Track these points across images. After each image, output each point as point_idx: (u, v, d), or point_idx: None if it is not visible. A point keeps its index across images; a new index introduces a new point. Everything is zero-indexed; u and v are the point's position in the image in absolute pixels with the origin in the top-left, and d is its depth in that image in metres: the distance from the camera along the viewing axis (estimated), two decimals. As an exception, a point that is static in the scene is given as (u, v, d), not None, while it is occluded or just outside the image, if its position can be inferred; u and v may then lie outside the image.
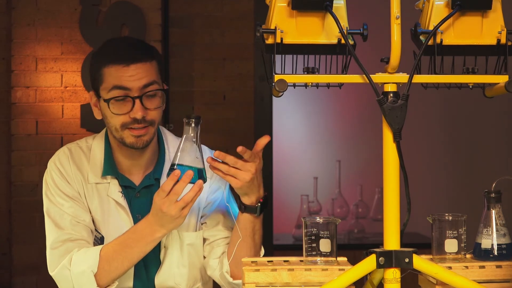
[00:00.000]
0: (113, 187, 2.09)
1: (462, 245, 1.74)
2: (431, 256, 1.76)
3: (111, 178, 2.09)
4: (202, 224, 2.13)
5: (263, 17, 1.66)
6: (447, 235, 1.74)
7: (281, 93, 1.59)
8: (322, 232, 1.71)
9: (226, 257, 2.06)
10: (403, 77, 1.59)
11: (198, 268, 2.14)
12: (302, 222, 1.74)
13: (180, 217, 1.89)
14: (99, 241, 2.07)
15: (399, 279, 1.60)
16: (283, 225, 4.84)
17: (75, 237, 2.02)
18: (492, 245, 1.73)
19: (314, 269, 1.66)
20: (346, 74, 1.61)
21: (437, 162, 5.24)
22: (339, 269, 1.66)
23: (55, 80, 4.20)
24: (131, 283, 2.08)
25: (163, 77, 2.10)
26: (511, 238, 1.74)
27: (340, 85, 1.64)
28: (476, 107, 5.05)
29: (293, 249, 4.42)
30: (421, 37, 1.62)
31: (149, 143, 2.04)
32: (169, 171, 1.86)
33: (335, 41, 1.60)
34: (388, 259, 1.58)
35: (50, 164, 2.10)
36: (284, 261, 1.75)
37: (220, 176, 1.92)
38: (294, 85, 1.62)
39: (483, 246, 1.74)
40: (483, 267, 1.70)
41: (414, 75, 1.59)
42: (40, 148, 4.20)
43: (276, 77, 1.57)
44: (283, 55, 1.61)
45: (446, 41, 1.62)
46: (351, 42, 1.61)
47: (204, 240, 2.13)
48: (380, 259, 1.58)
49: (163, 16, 4.33)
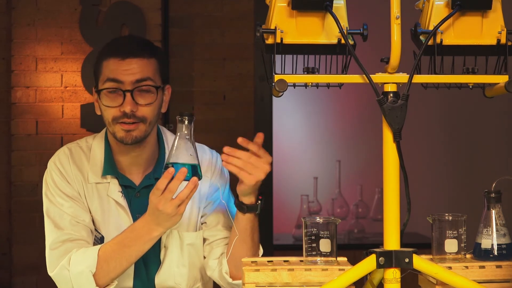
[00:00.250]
0: (113, 187, 2.09)
1: (462, 245, 1.74)
2: (431, 256, 1.76)
3: (111, 178, 2.09)
4: (202, 224, 2.13)
5: (263, 17, 1.66)
6: (447, 235, 1.73)
7: (281, 93, 1.58)
8: (322, 232, 1.71)
9: (225, 258, 2.06)
10: (403, 77, 1.59)
11: (198, 268, 2.14)
12: (302, 222, 1.74)
13: (176, 214, 1.89)
14: (99, 241, 2.07)
15: (399, 279, 1.60)
16: (283, 225, 4.84)
17: (75, 237, 2.02)
18: (492, 245, 1.73)
19: (314, 269, 1.66)
20: (346, 74, 1.61)
21: (437, 162, 5.23)
22: (339, 269, 1.66)
23: (55, 80, 4.20)
24: (131, 283, 2.09)
25: (165, 77, 2.11)
26: (511, 238, 1.74)
27: (340, 85, 1.64)
28: (476, 107, 5.05)
29: (293, 249, 4.41)
30: (421, 37, 1.62)
31: (139, 140, 2.04)
32: (163, 170, 1.86)
33: (335, 41, 1.60)
34: (388, 259, 1.58)
35: (50, 164, 2.10)
36: (284, 261, 1.75)
37: (234, 172, 1.92)
38: (294, 85, 1.62)
39: (483, 246, 1.74)
40: (483, 267, 1.70)
41: (414, 75, 1.59)
42: (40, 148, 4.20)
43: (276, 77, 1.57)
44: (283, 55, 1.61)
45: (446, 41, 1.62)
46: (351, 42, 1.61)
47: (204, 240, 2.13)
48: (380, 259, 1.58)
49: (163, 16, 4.33)
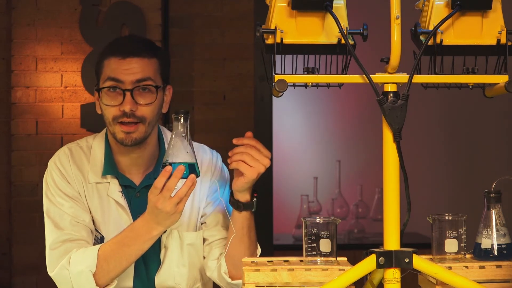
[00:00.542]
0: (113, 186, 2.09)
1: (462, 245, 1.74)
2: (431, 256, 1.76)
3: (111, 177, 2.09)
4: (202, 224, 2.13)
5: (263, 17, 1.66)
6: (447, 235, 1.73)
7: (281, 93, 1.58)
8: (322, 232, 1.71)
9: (224, 258, 2.06)
10: (403, 77, 1.59)
11: (198, 268, 2.14)
12: (302, 222, 1.74)
13: (175, 212, 1.88)
14: (99, 241, 2.07)
15: (399, 279, 1.60)
16: (283, 225, 4.84)
17: (75, 237, 2.02)
18: (492, 245, 1.73)
19: (314, 269, 1.66)
20: (346, 74, 1.61)
21: (437, 162, 5.23)
22: (339, 269, 1.66)
23: (55, 80, 4.20)
24: (131, 283, 2.08)
25: (166, 78, 2.11)
26: (511, 238, 1.74)
27: (340, 85, 1.64)
28: (476, 107, 5.05)
29: (293, 249, 4.42)
30: (421, 37, 1.62)
31: (139, 142, 2.03)
32: (161, 168, 1.86)
33: (335, 41, 1.60)
34: (388, 259, 1.58)
35: (50, 164, 2.10)
36: (284, 261, 1.75)
37: (235, 166, 1.92)
38: (294, 85, 1.62)
39: (483, 246, 1.74)
40: (483, 267, 1.70)
41: (414, 75, 1.59)
42: (40, 148, 4.20)
43: (276, 77, 1.57)
44: (283, 55, 1.61)
45: (446, 41, 1.62)
46: (351, 42, 1.61)
47: (204, 240, 2.13)
48: (380, 259, 1.58)
49: (163, 16, 4.33)
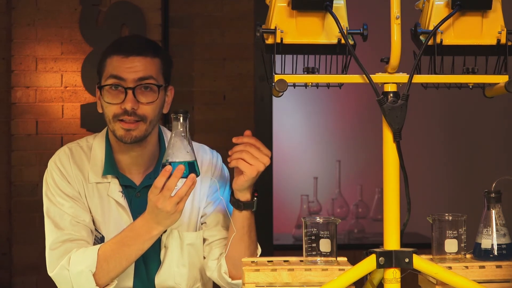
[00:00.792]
0: (114, 186, 2.09)
1: (462, 245, 1.74)
2: (431, 256, 1.76)
3: (112, 177, 2.09)
4: (202, 224, 2.13)
5: (263, 17, 1.66)
6: (447, 235, 1.73)
7: (281, 93, 1.58)
8: (322, 232, 1.71)
9: (224, 258, 2.06)
10: (403, 77, 1.59)
11: (198, 268, 2.14)
12: (302, 222, 1.74)
13: (176, 212, 1.88)
14: (99, 241, 2.07)
15: (399, 279, 1.60)
16: (283, 225, 4.84)
17: (75, 237, 2.02)
18: (492, 245, 1.73)
19: (314, 269, 1.66)
20: (346, 74, 1.61)
21: (437, 162, 5.23)
22: (339, 269, 1.66)
23: (55, 80, 4.20)
24: (131, 283, 2.08)
25: (168, 78, 2.11)
26: (511, 238, 1.74)
27: (340, 85, 1.64)
28: (476, 107, 5.05)
29: (293, 249, 4.41)
30: (421, 37, 1.62)
31: (138, 140, 2.03)
32: (161, 168, 1.86)
33: (335, 41, 1.60)
34: (388, 259, 1.58)
35: (50, 163, 2.10)
36: (284, 261, 1.75)
37: (235, 165, 1.92)
38: (294, 85, 1.62)
39: (483, 246, 1.74)
40: (483, 267, 1.70)
41: (414, 75, 1.59)
42: (40, 148, 4.20)
43: (276, 77, 1.57)
44: (283, 55, 1.61)
45: (446, 41, 1.62)
46: (351, 42, 1.61)
47: (204, 240, 2.13)
48: (380, 259, 1.58)
49: (163, 16, 4.33)
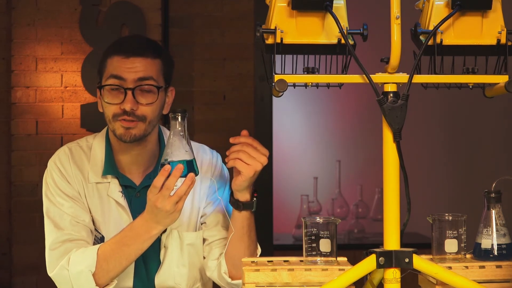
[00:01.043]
0: (114, 186, 2.09)
1: (462, 245, 1.74)
2: (431, 256, 1.76)
3: (112, 177, 2.09)
4: (202, 224, 2.13)
5: (263, 17, 1.66)
6: (447, 235, 1.73)
7: (281, 93, 1.58)
8: (322, 232, 1.71)
9: (224, 258, 2.06)
10: (403, 77, 1.59)
11: (198, 268, 2.14)
12: (302, 222, 1.74)
13: (175, 211, 1.88)
14: (99, 241, 2.07)
15: (399, 279, 1.60)
16: (283, 225, 4.84)
17: (75, 237, 2.02)
18: (492, 245, 1.73)
19: (314, 269, 1.66)
20: (346, 74, 1.61)
21: (437, 162, 5.23)
22: (339, 269, 1.66)
23: (55, 80, 4.20)
24: (131, 283, 2.08)
25: (169, 79, 2.11)
26: (511, 238, 1.74)
27: (340, 85, 1.64)
28: (476, 107, 5.05)
29: (293, 249, 4.42)
30: (421, 37, 1.62)
31: (138, 138, 2.03)
32: (160, 168, 1.86)
33: (335, 41, 1.60)
34: (388, 259, 1.58)
35: (50, 163, 2.10)
36: (284, 261, 1.75)
37: (232, 165, 1.92)
38: (294, 85, 1.62)
39: (483, 246, 1.74)
40: (483, 267, 1.70)
41: (414, 75, 1.59)
42: (40, 148, 4.20)
43: (276, 77, 1.57)
44: (283, 55, 1.61)
45: (446, 41, 1.62)
46: (351, 42, 1.61)
47: (204, 240, 2.13)
48: (380, 259, 1.58)
49: (163, 16, 4.33)
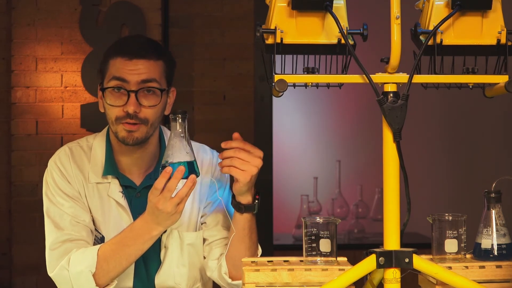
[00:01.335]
0: (114, 187, 2.09)
1: (462, 245, 1.74)
2: (431, 256, 1.76)
3: (112, 178, 2.09)
4: (202, 224, 2.13)
5: (263, 17, 1.66)
6: (447, 235, 1.73)
7: (281, 93, 1.58)
8: (322, 232, 1.71)
9: (224, 258, 2.06)
10: (403, 77, 1.59)
11: (198, 268, 2.14)
12: (302, 222, 1.74)
13: (176, 213, 1.88)
14: (99, 241, 2.07)
15: (399, 279, 1.60)
16: (283, 225, 4.84)
17: (75, 237, 2.02)
18: (492, 245, 1.73)
19: (314, 269, 1.66)
20: (346, 74, 1.61)
21: (437, 162, 5.23)
22: (339, 269, 1.66)
23: (55, 80, 4.20)
24: (131, 283, 2.08)
25: (170, 80, 2.11)
26: (511, 238, 1.74)
27: (340, 85, 1.64)
28: (476, 107, 5.05)
29: (293, 249, 4.41)
30: (421, 37, 1.62)
31: (140, 141, 2.03)
32: (161, 169, 1.86)
33: (335, 41, 1.60)
34: (388, 259, 1.58)
35: (50, 163, 2.10)
36: (284, 261, 1.75)
37: (226, 172, 1.92)
38: (294, 85, 1.62)
39: (483, 246, 1.74)
40: (483, 267, 1.70)
41: (414, 75, 1.59)
42: (40, 148, 4.20)
43: (276, 77, 1.57)
44: (283, 55, 1.61)
45: (446, 41, 1.62)
46: (351, 42, 1.61)
47: (204, 240, 2.13)
48: (380, 259, 1.58)
49: (163, 16, 4.33)
